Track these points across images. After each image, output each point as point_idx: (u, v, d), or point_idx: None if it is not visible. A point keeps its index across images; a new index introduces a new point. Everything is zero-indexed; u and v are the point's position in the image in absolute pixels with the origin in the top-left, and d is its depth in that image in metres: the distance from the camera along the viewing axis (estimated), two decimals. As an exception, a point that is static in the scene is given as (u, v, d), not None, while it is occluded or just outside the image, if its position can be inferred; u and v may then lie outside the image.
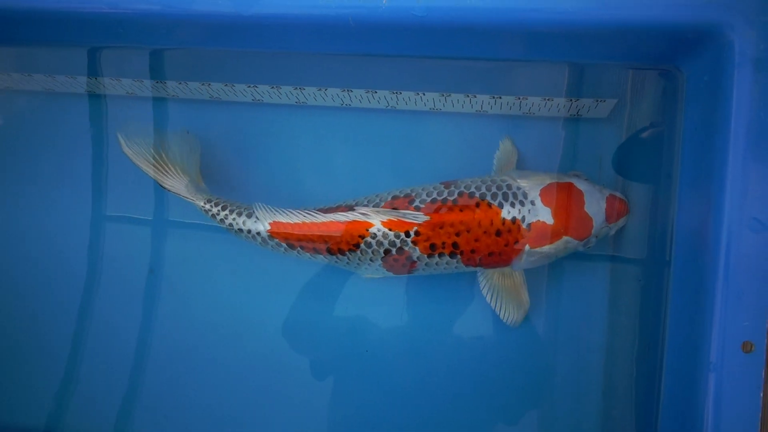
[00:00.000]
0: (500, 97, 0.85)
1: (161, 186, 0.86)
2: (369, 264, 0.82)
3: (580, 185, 0.80)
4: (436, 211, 0.78)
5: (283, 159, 0.95)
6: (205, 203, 0.85)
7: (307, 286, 0.94)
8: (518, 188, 0.79)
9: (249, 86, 0.89)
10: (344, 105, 0.91)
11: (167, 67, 0.92)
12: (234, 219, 0.84)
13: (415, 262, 0.80)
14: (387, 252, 0.79)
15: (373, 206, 0.81)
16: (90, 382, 0.99)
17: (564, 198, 0.79)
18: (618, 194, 0.81)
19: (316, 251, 0.82)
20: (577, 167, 0.88)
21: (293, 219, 0.81)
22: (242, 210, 0.84)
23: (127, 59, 0.92)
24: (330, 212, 0.81)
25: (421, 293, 0.92)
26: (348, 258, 0.82)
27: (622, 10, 0.64)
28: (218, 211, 0.84)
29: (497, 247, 0.78)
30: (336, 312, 0.94)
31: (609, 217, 0.80)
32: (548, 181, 0.80)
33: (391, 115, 0.92)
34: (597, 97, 0.83)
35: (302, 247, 0.82)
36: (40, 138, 1.00)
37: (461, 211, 0.78)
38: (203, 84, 0.90)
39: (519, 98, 0.84)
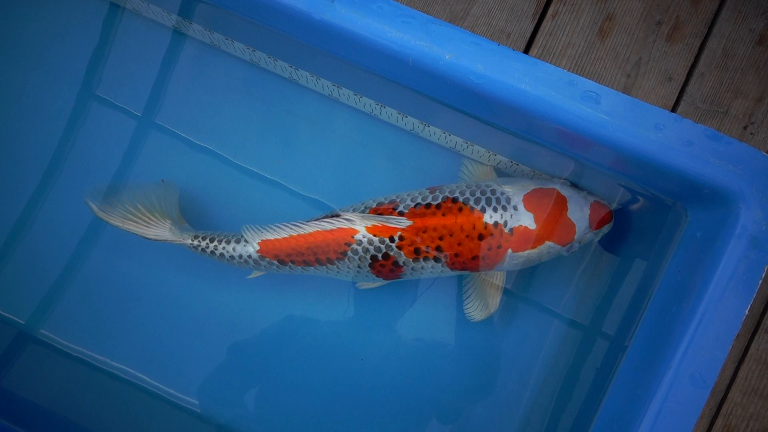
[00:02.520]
0: (517, 164, 0.87)
1: (145, 238, 0.86)
2: (358, 271, 0.84)
3: (564, 191, 0.81)
4: (419, 215, 0.80)
5: (282, 133, 0.97)
6: (192, 240, 0.86)
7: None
8: (502, 193, 0.80)
9: (269, 56, 0.91)
10: (372, 114, 0.93)
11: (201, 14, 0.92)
12: (224, 248, 0.85)
13: (401, 266, 0.82)
14: (374, 258, 0.82)
15: (359, 213, 0.82)
16: (22, 261, 1.00)
17: (547, 203, 0.80)
18: (603, 201, 0.83)
19: (307, 263, 0.84)
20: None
21: (281, 234, 0.82)
22: (230, 237, 0.85)
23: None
24: (316, 221, 0.82)
25: (367, 291, 0.96)
26: (338, 267, 0.84)
27: (655, 145, 0.67)
28: (207, 244, 0.86)
29: (480, 251, 0.81)
30: (281, 305, 0.97)
31: (592, 224, 0.81)
32: (532, 187, 0.81)
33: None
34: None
35: (293, 262, 0.84)
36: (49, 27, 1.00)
37: (444, 215, 0.80)
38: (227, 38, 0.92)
39: (534, 171, 0.87)
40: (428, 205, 0.80)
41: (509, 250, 0.80)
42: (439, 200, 0.80)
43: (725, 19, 0.95)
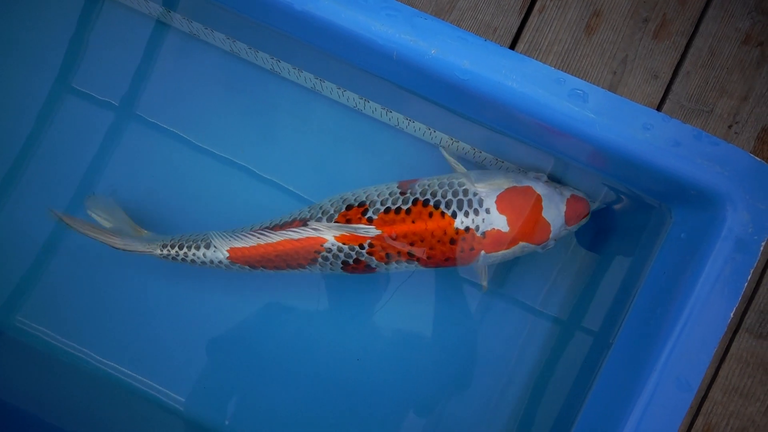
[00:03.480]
0: (502, 162, 0.86)
1: (114, 247, 0.85)
2: (331, 271, 0.83)
3: (539, 189, 0.79)
4: (389, 223, 0.78)
5: (263, 125, 0.96)
6: (161, 250, 0.85)
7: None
8: (474, 194, 0.78)
9: (249, 48, 0.89)
10: (356, 108, 0.91)
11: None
12: (194, 254, 0.84)
13: (374, 268, 0.82)
14: (345, 263, 0.81)
15: (327, 218, 0.80)
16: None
17: (521, 204, 0.78)
18: (580, 194, 0.81)
19: (278, 268, 0.83)
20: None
21: (249, 242, 0.81)
22: (199, 243, 0.84)
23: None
24: (284, 227, 0.81)
25: (343, 281, 0.95)
26: (309, 269, 0.83)
27: (642, 145, 0.66)
28: (176, 252, 0.84)
29: (452, 253, 0.79)
30: (258, 300, 0.96)
31: (569, 221, 0.79)
32: (506, 186, 0.79)
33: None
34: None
35: (264, 267, 0.83)
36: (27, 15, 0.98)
37: (414, 222, 0.78)
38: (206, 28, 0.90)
39: (521, 169, 0.86)
40: (398, 210, 0.78)
41: (482, 252, 0.79)
42: (409, 203, 0.78)
43: (712, 18, 0.95)
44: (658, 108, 0.94)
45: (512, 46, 0.96)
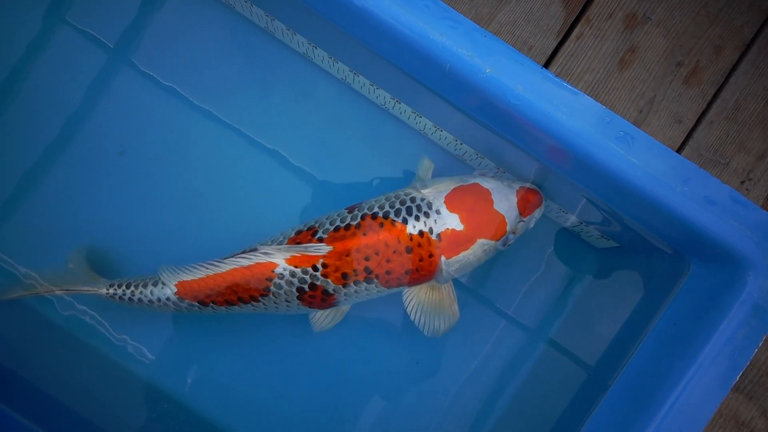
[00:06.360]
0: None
1: (53, 294, 0.84)
2: (287, 306, 0.79)
3: (486, 184, 0.77)
4: (339, 239, 0.76)
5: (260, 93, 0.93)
6: (108, 289, 0.82)
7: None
8: (422, 199, 0.76)
9: (287, 29, 0.87)
10: (384, 107, 0.89)
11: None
12: (141, 292, 0.80)
13: (332, 294, 0.78)
14: (300, 290, 0.77)
15: (277, 245, 0.77)
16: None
17: (470, 200, 0.76)
18: (529, 185, 0.79)
19: (229, 303, 0.79)
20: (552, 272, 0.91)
21: (197, 274, 0.77)
22: (147, 281, 0.80)
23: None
24: (233, 257, 0.77)
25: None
26: (264, 304, 0.79)
27: (678, 197, 0.66)
28: (123, 291, 0.81)
29: (412, 264, 0.76)
30: None
31: (522, 211, 0.78)
32: (452, 186, 0.77)
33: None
34: (603, 234, 0.86)
35: (215, 303, 0.79)
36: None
37: (365, 234, 0.75)
38: None
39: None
40: (348, 226, 0.76)
41: (442, 257, 0.76)
42: (358, 219, 0.76)
43: (743, 72, 0.96)
44: (677, 152, 0.95)
45: (545, 68, 0.96)
